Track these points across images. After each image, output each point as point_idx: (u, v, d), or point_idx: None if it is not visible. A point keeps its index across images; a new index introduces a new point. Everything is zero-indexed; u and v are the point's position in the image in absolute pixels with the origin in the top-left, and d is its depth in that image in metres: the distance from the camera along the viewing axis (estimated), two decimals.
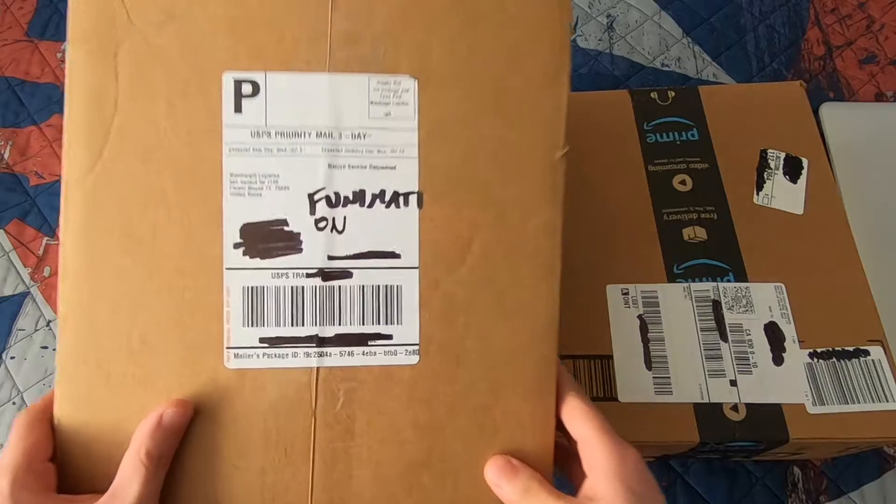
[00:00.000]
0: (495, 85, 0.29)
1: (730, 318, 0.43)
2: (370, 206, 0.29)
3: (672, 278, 0.44)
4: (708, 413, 0.41)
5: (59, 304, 0.28)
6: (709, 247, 0.45)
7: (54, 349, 0.56)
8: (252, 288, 0.28)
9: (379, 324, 0.29)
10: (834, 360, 0.42)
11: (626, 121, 0.51)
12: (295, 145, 0.28)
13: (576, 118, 0.30)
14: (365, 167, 0.29)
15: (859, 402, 0.41)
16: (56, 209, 0.63)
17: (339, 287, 0.29)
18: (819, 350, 0.42)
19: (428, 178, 0.29)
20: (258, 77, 0.28)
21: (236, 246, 0.28)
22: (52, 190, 0.64)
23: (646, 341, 0.43)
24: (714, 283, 0.44)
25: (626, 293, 0.44)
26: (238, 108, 0.28)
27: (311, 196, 0.28)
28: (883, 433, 0.40)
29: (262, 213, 0.28)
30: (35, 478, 0.27)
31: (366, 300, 0.29)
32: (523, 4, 0.29)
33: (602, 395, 0.41)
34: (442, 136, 0.29)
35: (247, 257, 0.28)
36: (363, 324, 0.29)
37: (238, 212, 0.28)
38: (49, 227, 0.62)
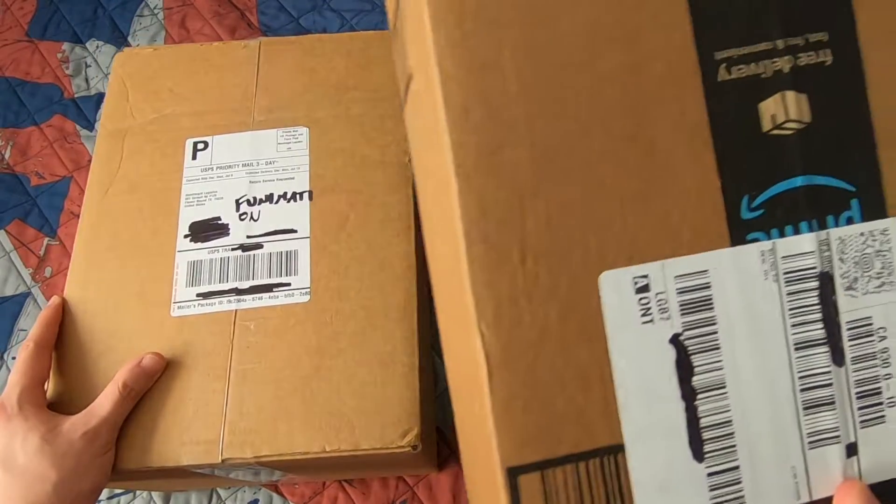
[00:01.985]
0: (360, 125, 0.45)
1: (850, 307, 0.22)
2: (276, 202, 0.43)
3: (739, 234, 0.21)
4: None
5: (66, 285, 0.42)
6: (814, 143, 0.22)
7: None
8: (194, 262, 0.42)
9: (281, 276, 0.41)
10: None
11: None
12: (229, 173, 0.44)
13: None
14: (273, 180, 0.44)
15: None
16: (57, 209, 0.63)
17: (254, 255, 0.42)
18: None
19: (315, 181, 0.44)
20: (208, 139, 0.45)
21: (185, 236, 0.42)
22: (53, 190, 0.64)
23: (689, 395, 0.21)
24: (822, 235, 0.22)
25: (645, 287, 0.21)
26: (194, 157, 0.45)
27: (237, 200, 0.43)
28: None
29: (204, 214, 0.43)
30: (36, 395, 0.37)
31: (272, 261, 0.41)
32: (377, 77, 0.46)
33: None
34: (324, 157, 0.44)
35: (192, 242, 0.42)
36: (270, 277, 0.41)
37: (189, 216, 0.43)
38: (50, 227, 0.62)
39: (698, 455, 0.21)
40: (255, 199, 0.43)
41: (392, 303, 0.40)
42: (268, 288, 0.41)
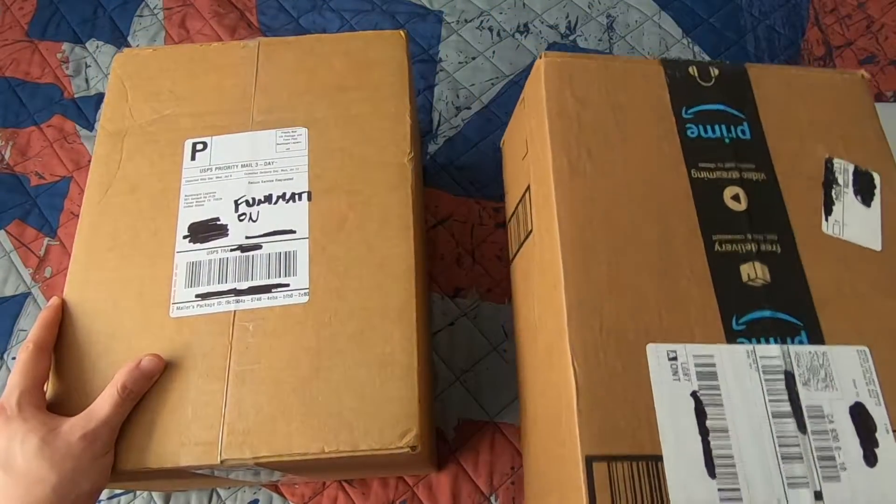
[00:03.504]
0: (360, 125, 0.45)
1: (806, 397, 0.33)
2: (275, 203, 0.43)
3: (731, 337, 0.34)
4: None
5: (65, 286, 0.41)
6: (774, 293, 0.35)
7: None
8: (193, 262, 0.41)
9: (280, 277, 0.41)
10: None
11: (659, 103, 0.41)
12: (227, 173, 0.44)
13: (597, 89, 0.42)
14: (272, 180, 0.44)
15: None
16: (57, 209, 0.63)
17: (252, 255, 0.42)
18: None
19: (315, 182, 0.44)
20: (207, 140, 0.45)
21: (185, 237, 0.42)
22: (53, 190, 0.64)
23: (704, 433, 0.32)
24: (784, 347, 0.34)
25: (675, 358, 0.33)
26: (193, 158, 0.45)
27: (235, 201, 0.43)
28: None
29: (203, 215, 0.43)
30: (35, 397, 0.37)
31: (271, 262, 0.41)
32: (376, 77, 0.47)
33: None
34: (324, 157, 0.44)
35: (191, 243, 0.42)
36: (268, 278, 0.41)
37: (188, 217, 0.43)
38: (50, 227, 0.62)
39: (711, 474, 0.31)
40: (253, 199, 0.43)
41: (391, 303, 0.40)
42: (267, 289, 0.40)
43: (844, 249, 0.38)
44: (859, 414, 0.33)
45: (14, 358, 0.56)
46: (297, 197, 0.43)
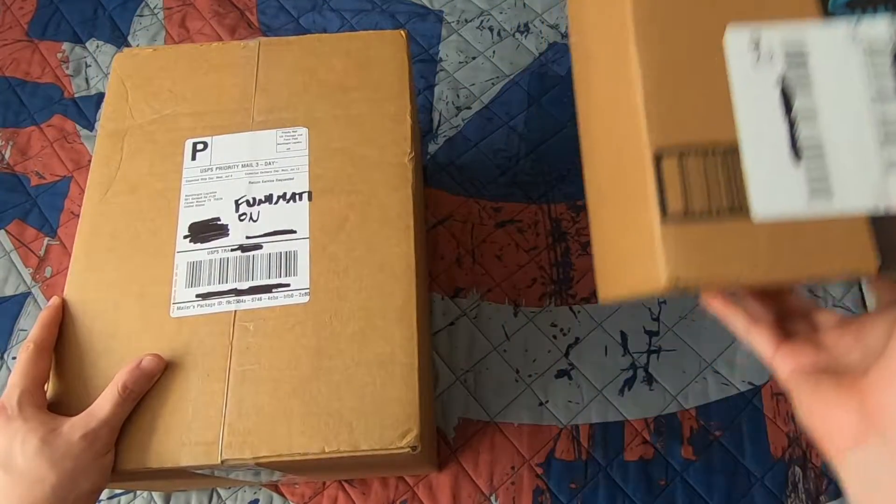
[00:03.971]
0: (360, 125, 0.45)
1: None
2: (276, 203, 0.43)
3: (828, 14, 0.29)
4: (891, 226, 0.26)
5: (65, 286, 0.41)
6: None
7: None
8: (193, 262, 0.41)
9: (280, 277, 0.41)
10: None
11: None
12: (228, 173, 0.44)
13: None
14: (272, 180, 0.44)
15: None
16: (57, 209, 0.63)
17: (253, 255, 0.42)
18: None
19: (315, 182, 0.43)
20: (208, 139, 0.45)
21: (185, 237, 0.42)
22: (53, 190, 0.64)
23: (791, 120, 0.28)
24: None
25: (758, 44, 0.28)
26: (193, 157, 0.45)
27: (236, 201, 0.43)
28: None
29: (204, 215, 0.43)
30: (36, 397, 0.37)
31: (271, 262, 0.41)
32: (377, 77, 0.47)
33: (726, 204, 0.26)
34: (324, 157, 0.44)
35: (191, 243, 0.42)
36: (269, 278, 0.41)
37: (188, 217, 0.43)
38: (50, 227, 0.62)
39: (797, 162, 0.27)
40: (254, 199, 0.43)
41: (391, 303, 0.40)
42: (267, 289, 0.41)
43: None
44: None
45: (14, 358, 0.56)
46: (297, 197, 0.43)
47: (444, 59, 0.70)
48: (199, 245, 0.42)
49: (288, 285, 0.41)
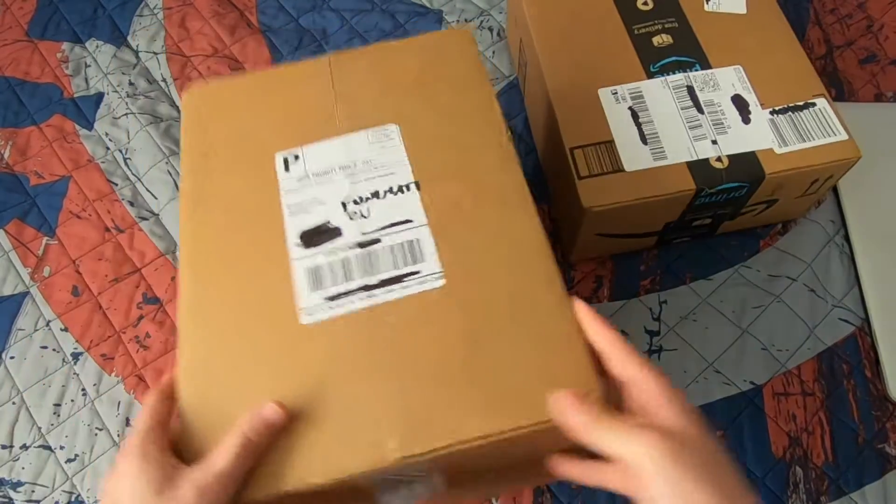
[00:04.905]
0: (449, 114, 0.45)
1: (703, 96, 0.54)
2: (384, 197, 0.42)
3: (651, 76, 0.55)
4: (699, 167, 0.51)
5: (178, 320, 0.39)
6: (676, 48, 0.56)
7: (54, 349, 0.56)
8: (312, 267, 0.40)
9: (408, 265, 0.39)
10: (790, 113, 0.53)
11: None
12: (327, 178, 0.43)
13: None
14: (374, 177, 0.43)
15: (814, 139, 0.51)
16: (55, 209, 0.63)
17: (373, 250, 0.40)
18: (777, 108, 0.53)
19: (419, 173, 0.43)
20: (298, 150, 0.44)
21: (297, 245, 0.40)
22: (52, 190, 0.64)
23: (638, 125, 0.53)
24: (685, 74, 0.55)
25: (616, 93, 0.54)
26: (287, 169, 0.44)
27: (342, 203, 0.42)
28: (834, 157, 0.51)
29: (312, 222, 0.41)
30: (160, 437, 0.34)
31: (395, 253, 0.40)
32: (453, 70, 0.47)
33: (611, 169, 0.51)
34: (422, 148, 0.44)
35: (305, 249, 0.40)
36: (396, 268, 0.39)
37: (295, 225, 0.41)
38: (49, 227, 0.62)
39: (644, 143, 0.52)
40: (360, 198, 0.42)
41: (533, 277, 0.39)
42: (398, 279, 0.39)
43: (720, 16, 0.58)
44: (738, 99, 0.53)
45: (12, 357, 0.56)
46: (404, 188, 0.42)
47: None
48: (313, 250, 0.40)
49: (418, 272, 0.39)
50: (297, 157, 0.44)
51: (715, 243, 0.60)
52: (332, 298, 0.38)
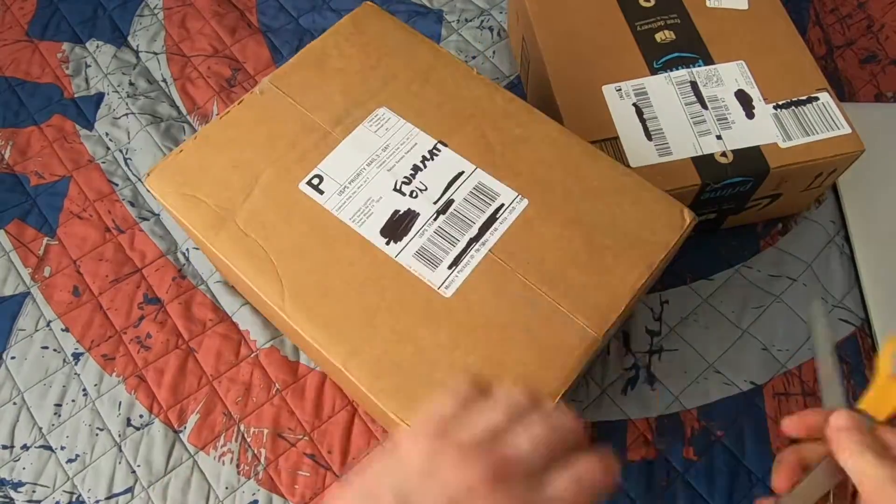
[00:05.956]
0: (427, 78, 0.48)
1: (706, 92, 0.54)
2: (426, 167, 0.44)
3: (654, 72, 0.55)
4: (703, 161, 0.51)
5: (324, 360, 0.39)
6: (679, 44, 0.56)
7: (55, 349, 0.56)
8: (417, 251, 0.42)
9: (491, 203, 0.43)
10: (793, 107, 0.53)
11: None
12: (363, 179, 0.44)
13: None
14: (402, 156, 0.45)
15: (818, 133, 0.52)
16: (56, 209, 0.63)
17: (454, 210, 0.43)
18: (780, 102, 0.53)
19: (436, 132, 0.46)
20: (317, 171, 0.44)
21: (386, 243, 0.42)
22: (53, 190, 0.64)
23: (643, 121, 0.53)
24: (688, 70, 0.55)
25: (620, 89, 0.54)
26: (320, 192, 0.44)
27: (395, 189, 0.43)
28: (838, 151, 0.51)
29: (382, 219, 0.43)
30: None
31: (472, 202, 0.43)
32: (384, 33, 0.50)
33: None
34: (424, 115, 0.46)
35: (397, 243, 0.42)
36: (483, 212, 0.43)
37: (370, 229, 0.42)
38: (49, 227, 0.62)
39: (649, 139, 0.52)
40: (406, 178, 0.44)
41: (580, 156, 0.45)
42: (492, 219, 0.42)
43: (723, 12, 0.58)
44: (741, 95, 0.54)
45: (13, 357, 0.56)
46: (435, 151, 0.45)
47: None
48: (406, 239, 0.42)
49: (503, 205, 0.43)
50: (320, 178, 0.44)
51: (716, 243, 0.60)
52: (454, 263, 0.41)
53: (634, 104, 0.54)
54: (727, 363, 0.54)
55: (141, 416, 0.53)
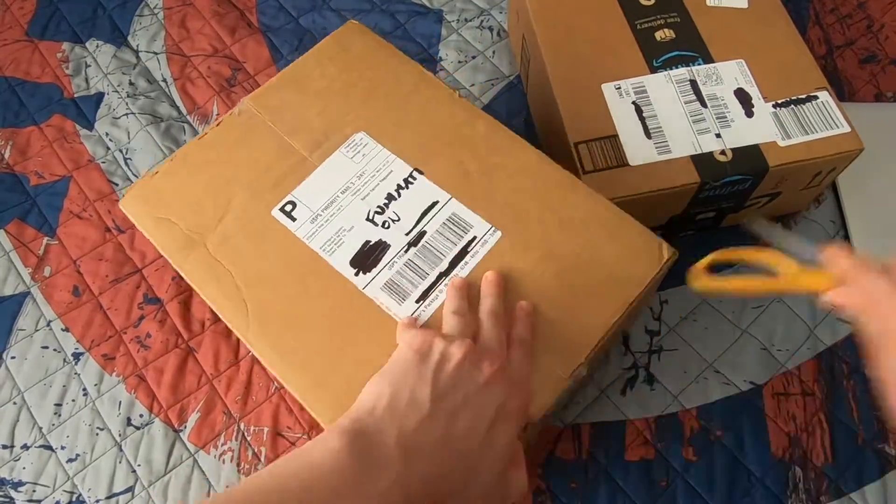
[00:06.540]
0: (399, 107, 0.47)
1: (705, 90, 0.54)
2: (399, 196, 0.44)
3: (654, 70, 0.55)
4: (703, 160, 0.51)
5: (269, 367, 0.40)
6: (678, 42, 0.56)
7: (55, 349, 0.56)
8: (385, 283, 0.41)
9: (463, 236, 0.42)
10: (792, 106, 0.53)
11: None
12: (336, 207, 0.44)
13: None
14: (377, 183, 0.45)
15: (817, 132, 0.51)
16: (56, 209, 0.63)
17: (426, 241, 0.42)
18: (780, 101, 0.53)
19: (411, 159, 0.45)
20: (290, 197, 0.44)
21: (355, 274, 0.41)
22: (53, 190, 0.64)
23: (642, 119, 0.53)
24: (688, 68, 0.55)
25: (619, 88, 0.54)
26: (292, 219, 0.43)
27: (367, 219, 0.43)
28: (837, 149, 0.51)
29: (353, 248, 0.42)
30: None
31: (445, 233, 0.42)
32: (366, 53, 0.50)
33: (615, 163, 0.51)
34: (400, 140, 0.46)
35: (366, 273, 0.41)
36: (455, 244, 0.42)
37: (339, 259, 0.42)
38: (49, 227, 0.62)
39: (648, 136, 0.52)
40: (380, 207, 0.43)
41: (554, 184, 0.44)
42: (463, 252, 0.42)
43: (723, 11, 0.58)
44: (741, 93, 0.54)
45: (13, 357, 0.56)
46: (410, 179, 0.44)
47: (443, 59, 0.70)
48: (375, 270, 0.41)
49: (475, 237, 0.42)
50: (293, 204, 0.43)
51: (715, 242, 0.60)
52: (422, 297, 0.41)
53: (634, 102, 0.54)
54: (726, 363, 0.54)
55: (141, 416, 0.54)
